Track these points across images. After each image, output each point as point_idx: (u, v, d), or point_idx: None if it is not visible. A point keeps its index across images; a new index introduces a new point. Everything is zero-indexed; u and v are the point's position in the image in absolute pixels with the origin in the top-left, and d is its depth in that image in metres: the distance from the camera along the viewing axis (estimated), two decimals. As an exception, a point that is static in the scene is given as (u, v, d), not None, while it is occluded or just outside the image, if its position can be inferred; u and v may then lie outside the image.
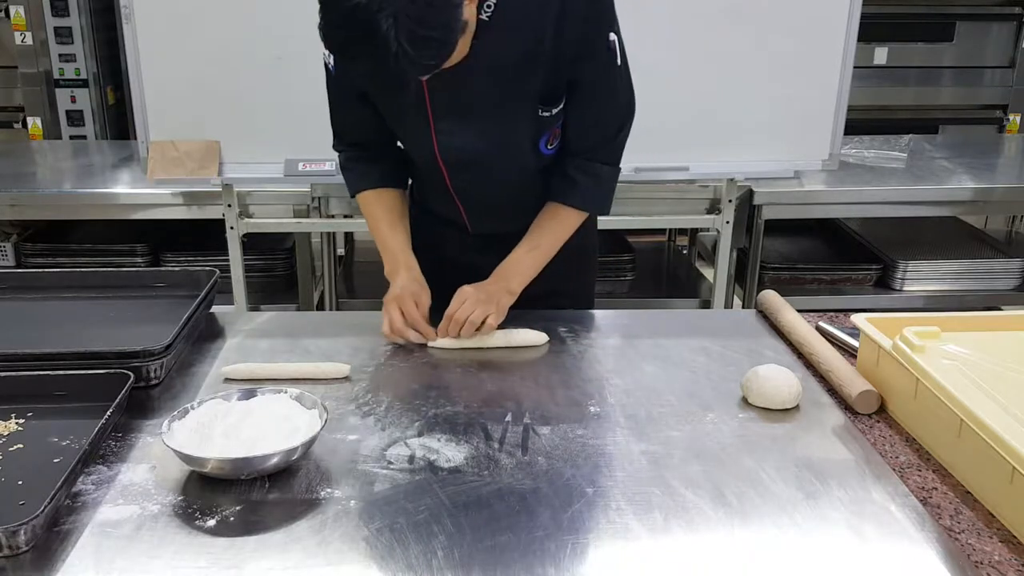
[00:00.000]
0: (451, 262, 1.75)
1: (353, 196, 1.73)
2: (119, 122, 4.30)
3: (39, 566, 1.00)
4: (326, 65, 1.58)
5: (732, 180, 2.75)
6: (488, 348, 1.57)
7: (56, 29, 4.02)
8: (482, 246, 1.72)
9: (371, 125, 1.64)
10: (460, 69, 1.38)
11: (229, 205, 2.65)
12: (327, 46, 1.30)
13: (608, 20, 1.49)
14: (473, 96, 1.50)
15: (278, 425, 1.20)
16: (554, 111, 1.54)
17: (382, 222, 1.68)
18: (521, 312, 1.63)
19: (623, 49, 1.53)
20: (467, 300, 1.56)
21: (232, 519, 1.08)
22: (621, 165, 1.67)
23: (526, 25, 1.43)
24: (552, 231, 1.65)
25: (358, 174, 1.72)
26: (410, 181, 1.80)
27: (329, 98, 1.66)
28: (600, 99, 1.56)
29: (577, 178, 1.62)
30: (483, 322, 1.55)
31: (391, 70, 1.23)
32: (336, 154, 1.76)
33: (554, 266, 1.68)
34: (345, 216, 2.87)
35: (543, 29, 1.44)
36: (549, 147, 1.61)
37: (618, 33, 1.51)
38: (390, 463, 1.21)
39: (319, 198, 2.74)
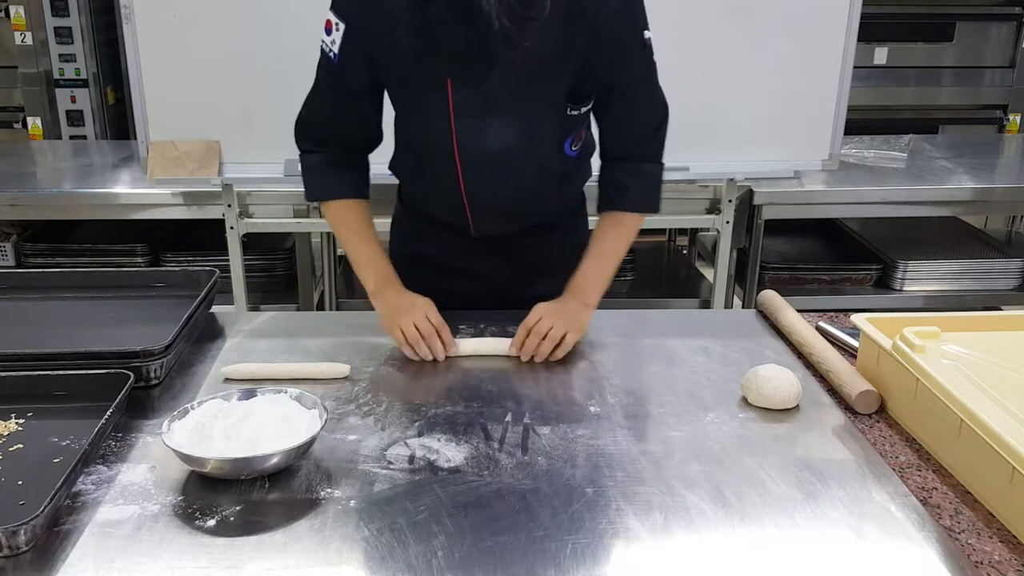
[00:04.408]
0: (448, 267, 1.72)
1: (315, 200, 1.64)
2: (119, 122, 4.30)
3: (39, 566, 1.00)
4: (325, 53, 1.52)
5: (732, 180, 2.75)
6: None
7: (56, 29, 4.01)
8: (482, 249, 1.70)
9: (360, 127, 1.61)
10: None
11: (229, 205, 2.65)
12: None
13: (642, 18, 1.49)
14: (499, 93, 1.46)
15: (278, 425, 1.20)
16: (583, 110, 1.54)
17: (366, 236, 1.63)
18: (520, 313, 1.63)
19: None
20: (544, 316, 1.53)
21: (232, 519, 1.08)
22: None
23: (557, 24, 1.41)
24: (615, 237, 1.64)
25: (334, 180, 1.63)
26: (399, 183, 1.77)
27: (319, 93, 1.59)
28: (640, 98, 1.57)
29: (626, 181, 1.62)
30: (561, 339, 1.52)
31: (469, 54, 1.22)
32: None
33: (550, 267, 1.67)
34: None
35: (575, 28, 1.43)
36: (573, 148, 1.60)
37: (649, 30, 1.51)
38: (390, 463, 1.21)
39: (319, 198, 2.74)
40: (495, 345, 1.56)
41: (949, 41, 4.54)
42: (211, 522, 1.08)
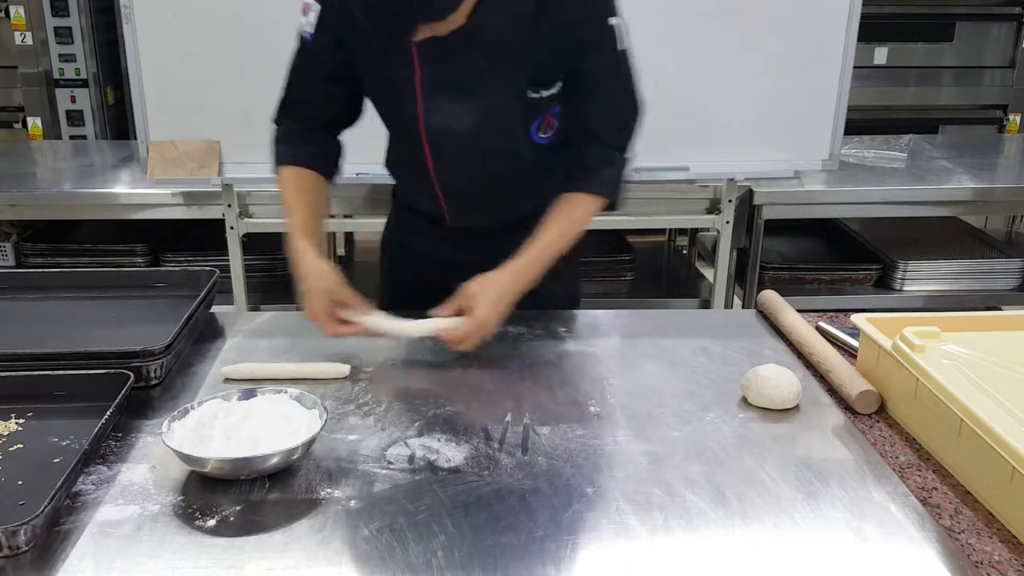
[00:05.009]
0: (427, 257, 1.74)
1: (276, 167, 1.65)
2: (119, 122, 4.30)
3: (39, 566, 1.00)
4: (302, 36, 1.57)
5: (732, 180, 2.75)
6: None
7: (56, 29, 4.02)
8: (460, 240, 1.70)
9: (331, 105, 1.63)
10: (452, 43, 1.38)
11: (229, 205, 2.65)
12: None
13: (607, 5, 1.49)
14: (462, 72, 1.49)
15: (278, 425, 1.20)
16: (545, 94, 1.53)
17: (298, 204, 1.61)
18: (516, 312, 1.63)
19: (626, 36, 1.51)
20: (476, 328, 1.47)
21: (232, 519, 1.08)
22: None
23: (522, 5, 1.43)
24: (568, 219, 1.59)
25: (294, 151, 1.65)
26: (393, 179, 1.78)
27: (294, 71, 1.64)
28: (608, 85, 1.56)
29: (592, 165, 1.60)
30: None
31: (396, 21, 1.24)
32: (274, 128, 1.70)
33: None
34: (345, 216, 2.87)
35: (540, 11, 1.44)
36: (541, 135, 1.59)
37: (621, 18, 1.50)
38: (390, 463, 1.21)
39: (319, 198, 2.74)
40: (408, 326, 1.50)
41: (949, 41, 4.54)
42: (211, 522, 1.08)
